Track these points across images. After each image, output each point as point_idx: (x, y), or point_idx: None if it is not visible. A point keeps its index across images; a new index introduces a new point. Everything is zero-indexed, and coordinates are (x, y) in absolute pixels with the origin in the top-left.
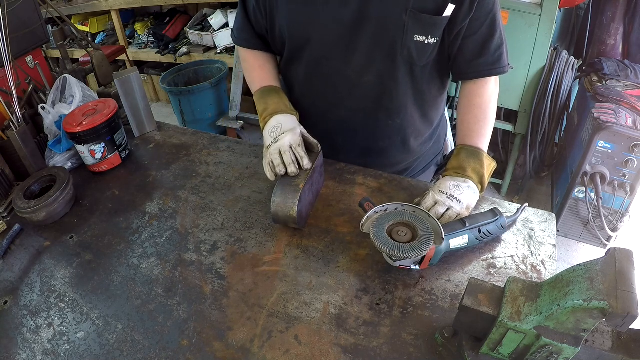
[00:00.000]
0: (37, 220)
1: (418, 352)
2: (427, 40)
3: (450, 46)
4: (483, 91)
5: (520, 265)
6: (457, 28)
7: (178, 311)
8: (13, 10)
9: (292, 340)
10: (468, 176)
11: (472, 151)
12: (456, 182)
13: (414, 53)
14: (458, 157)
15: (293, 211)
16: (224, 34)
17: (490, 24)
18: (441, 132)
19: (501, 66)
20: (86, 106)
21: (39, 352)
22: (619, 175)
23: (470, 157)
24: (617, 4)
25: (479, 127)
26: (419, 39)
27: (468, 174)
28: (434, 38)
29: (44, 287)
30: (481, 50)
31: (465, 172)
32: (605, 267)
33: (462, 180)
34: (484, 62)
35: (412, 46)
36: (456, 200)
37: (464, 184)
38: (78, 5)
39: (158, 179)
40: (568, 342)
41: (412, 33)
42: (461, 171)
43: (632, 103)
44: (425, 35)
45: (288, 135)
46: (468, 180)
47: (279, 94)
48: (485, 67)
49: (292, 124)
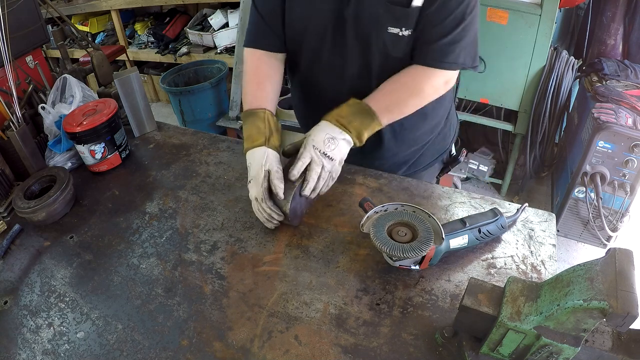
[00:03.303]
0: (37, 220)
1: (418, 352)
2: (400, 32)
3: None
4: (420, 77)
5: (520, 265)
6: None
7: (178, 311)
8: (13, 10)
9: (292, 340)
10: (347, 128)
11: (367, 111)
12: (332, 132)
13: (389, 45)
14: (349, 108)
15: (286, 208)
16: (224, 34)
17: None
18: (447, 129)
19: (446, 61)
20: (86, 106)
21: (39, 352)
22: (619, 175)
23: (361, 114)
24: (617, 4)
25: (391, 100)
26: (392, 31)
27: (349, 126)
28: (407, 30)
29: (44, 287)
30: (437, 39)
31: (346, 124)
32: (605, 267)
33: (339, 130)
34: (432, 50)
35: (386, 38)
36: (328, 158)
37: (340, 133)
38: (78, 5)
39: (158, 179)
40: (568, 342)
41: (386, 25)
42: (345, 121)
43: (632, 103)
44: (398, 27)
45: (252, 186)
46: (345, 132)
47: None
48: (430, 56)
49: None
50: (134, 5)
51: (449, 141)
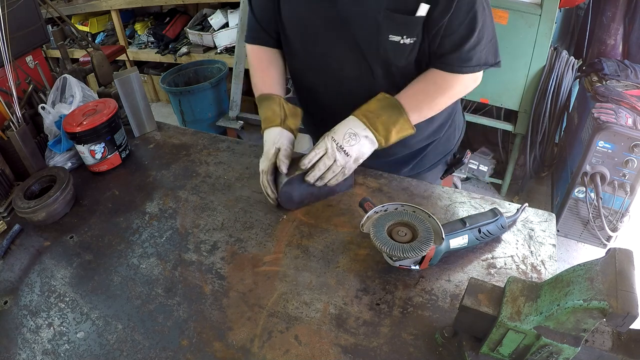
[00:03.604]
0: (37, 220)
1: (418, 352)
2: (402, 40)
3: (429, 45)
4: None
5: (520, 265)
6: (435, 27)
7: (178, 311)
8: (13, 10)
9: (292, 340)
10: (374, 126)
11: (397, 106)
12: (355, 128)
13: (390, 53)
14: (380, 103)
15: (279, 188)
16: (224, 34)
17: (469, 23)
18: (452, 131)
19: (473, 65)
20: (86, 106)
21: (39, 352)
22: (619, 175)
23: (391, 110)
24: (617, 4)
25: (421, 98)
26: (394, 39)
27: (377, 124)
28: (410, 38)
29: (44, 287)
30: (455, 48)
31: (375, 121)
32: (605, 267)
33: (363, 127)
34: (454, 58)
35: (387, 46)
36: (343, 153)
37: (364, 131)
38: (78, 5)
39: (158, 179)
40: (568, 342)
41: (387, 33)
42: (373, 117)
43: (632, 103)
44: (400, 35)
45: (262, 162)
46: (370, 130)
47: (268, 100)
48: (453, 63)
49: (270, 143)
50: (134, 5)
51: (453, 143)
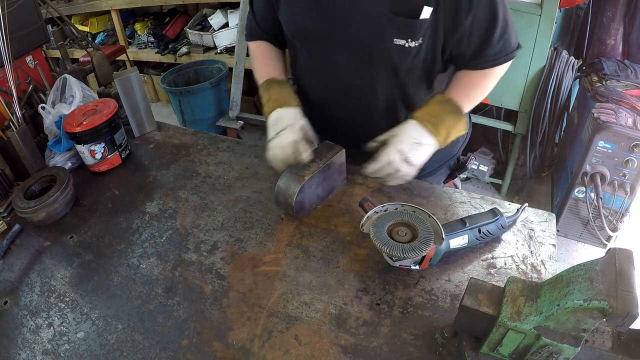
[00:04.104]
0: (37, 220)
1: (418, 352)
2: (407, 43)
3: (455, 47)
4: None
5: (520, 265)
6: (460, 28)
7: (178, 311)
8: (13, 10)
9: (292, 340)
10: (438, 132)
11: (457, 110)
12: (421, 136)
13: (396, 57)
14: (442, 107)
15: (292, 199)
16: (224, 34)
17: (491, 13)
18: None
19: (506, 53)
20: (86, 106)
21: (39, 352)
22: (619, 175)
23: (452, 114)
24: (617, 4)
25: (474, 93)
26: (398, 43)
27: (440, 129)
28: (415, 41)
29: (44, 287)
30: (483, 44)
31: (438, 127)
32: (605, 267)
33: (428, 135)
34: (488, 54)
35: (392, 49)
36: (407, 163)
37: (428, 139)
38: (78, 5)
39: (158, 179)
40: (568, 342)
41: (392, 37)
42: (436, 121)
43: (632, 103)
44: (404, 39)
45: (288, 131)
46: (432, 137)
47: (281, 85)
48: (490, 59)
49: (292, 118)
50: (134, 5)
51: (457, 147)
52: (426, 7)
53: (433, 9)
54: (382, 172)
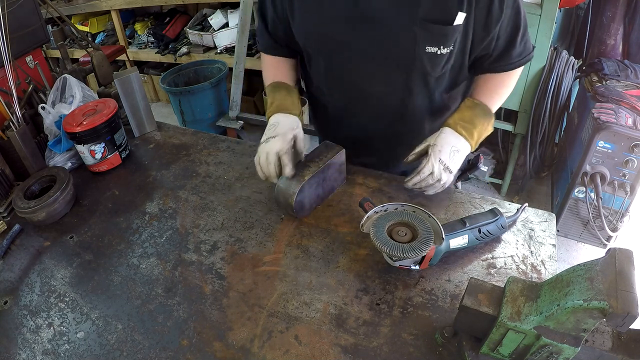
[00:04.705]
0: (37, 220)
1: (418, 352)
2: (439, 50)
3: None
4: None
5: (520, 265)
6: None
7: (178, 311)
8: (13, 10)
9: (292, 340)
10: (472, 136)
11: (487, 112)
12: (458, 143)
13: (427, 65)
14: (473, 111)
15: (292, 200)
16: (224, 34)
17: (516, 16)
18: None
19: (527, 54)
20: (86, 106)
21: (39, 352)
22: (619, 175)
23: (483, 117)
24: (617, 4)
25: (499, 93)
26: (431, 50)
27: (473, 134)
28: (447, 48)
29: (44, 287)
30: (508, 46)
31: (472, 132)
32: (605, 267)
33: (463, 141)
34: (512, 56)
35: (424, 58)
36: (448, 172)
37: (464, 145)
38: (78, 5)
39: (158, 179)
40: (568, 342)
41: (424, 44)
42: (470, 127)
43: (632, 103)
44: (437, 46)
45: (277, 140)
46: (467, 142)
47: (287, 91)
48: (514, 60)
49: (287, 127)
50: (134, 5)
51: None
52: (460, 13)
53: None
54: (424, 182)
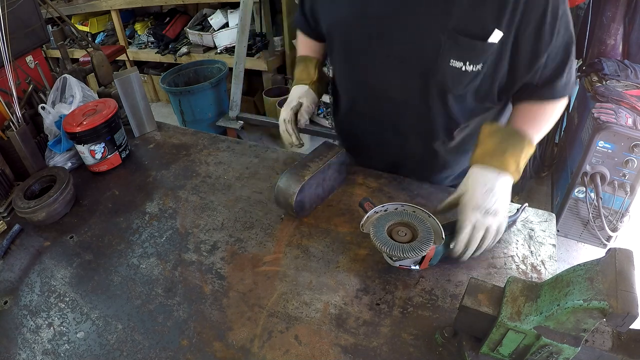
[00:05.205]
0: (37, 220)
1: (418, 352)
2: (464, 67)
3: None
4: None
5: (520, 265)
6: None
7: (178, 311)
8: (13, 10)
9: (292, 340)
10: (505, 165)
11: (514, 132)
12: (489, 180)
13: (448, 80)
14: (492, 138)
15: (292, 199)
16: (224, 34)
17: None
18: None
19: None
20: (86, 106)
21: (39, 352)
22: (619, 175)
23: (512, 138)
24: (617, 4)
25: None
26: (455, 64)
27: (506, 161)
28: (474, 65)
29: (44, 287)
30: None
31: (502, 159)
32: (605, 267)
33: (496, 173)
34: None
35: (447, 72)
36: (491, 215)
37: (497, 181)
38: (78, 5)
39: (158, 179)
40: (568, 342)
41: (449, 57)
42: (498, 155)
43: (632, 103)
44: (462, 61)
45: (284, 110)
46: (501, 172)
47: (306, 62)
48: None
49: (294, 95)
50: (134, 5)
51: None
52: (497, 31)
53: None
54: (473, 240)
